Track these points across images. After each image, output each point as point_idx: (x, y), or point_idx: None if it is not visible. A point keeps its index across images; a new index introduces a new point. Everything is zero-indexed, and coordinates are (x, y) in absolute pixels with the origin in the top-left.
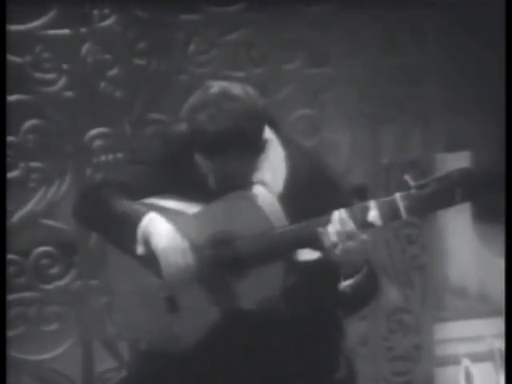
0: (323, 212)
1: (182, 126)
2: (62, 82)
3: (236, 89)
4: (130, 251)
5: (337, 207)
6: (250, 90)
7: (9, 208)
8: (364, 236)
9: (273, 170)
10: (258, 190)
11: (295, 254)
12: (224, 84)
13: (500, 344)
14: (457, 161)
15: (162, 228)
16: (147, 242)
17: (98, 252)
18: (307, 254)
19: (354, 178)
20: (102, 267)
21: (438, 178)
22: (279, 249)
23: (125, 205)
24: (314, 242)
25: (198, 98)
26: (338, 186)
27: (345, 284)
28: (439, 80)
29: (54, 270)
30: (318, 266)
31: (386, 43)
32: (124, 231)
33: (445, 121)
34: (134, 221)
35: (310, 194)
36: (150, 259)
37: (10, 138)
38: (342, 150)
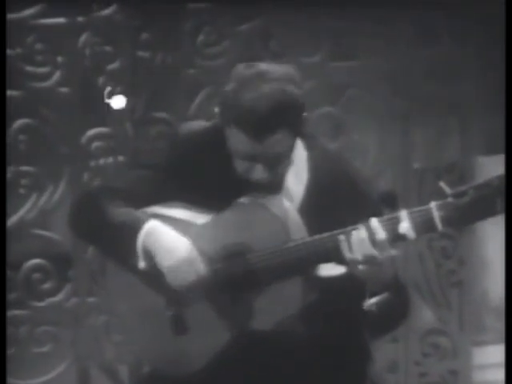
0: (347, 223)
1: (192, 126)
2: (56, 76)
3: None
4: (131, 266)
5: (363, 217)
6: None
7: None
8: (393, 250)
9: (295, 172)
10: (275, 196)
11: (316, 269)
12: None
13: None
14: (498, 165)
15: (164, 239)
16: (149, 255)
17: (95, 266)
18: (329, 270)
19: (382, 184)
20: (100, 282)
21: (478, 186)
22: (298, 263)
23: (125, 213)
24: (337, 256)
25: (243, 76)
26: (364, 193)
27: (370, 302)
28: (479, 76)
29: (47, 286)
30: (341, 282)
31: (421, 33)
32: (124, 243)
33: (484, 121)
34: (133, 231)
35: (333, 202)
36: (153, 274)
37: None
38: (369, 153)
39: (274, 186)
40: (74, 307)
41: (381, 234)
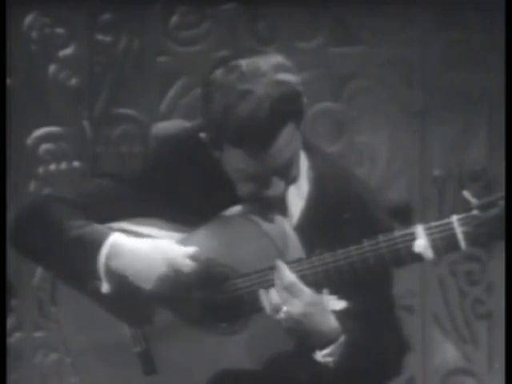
0: (352, 242)
1: (168, 126)
2: None
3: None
4: (91, 290)
5: (370, 234)
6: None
7: None
8: (314, 296)
9: (295, 183)
10: (268, 210)
11: None
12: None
13: None
14: None
15: (129, 249)
16: (114, 275)
17: (43, 293)
18: (331, 302)
19: (394, 194)
20: (49, 314)
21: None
22: None
23: (83, 226)
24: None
25: (226, 84)
26: (372, 205)
27: (322, 354)
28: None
29: None
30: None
31: (441, 13)
32: (81, 263)
33: None
34: (93, 248)
35: (337, 218)
36: (119, 300)
37: None
38: (379, 158)
39: (274, 199)
40: (17, 343)
41: (289, 277)
